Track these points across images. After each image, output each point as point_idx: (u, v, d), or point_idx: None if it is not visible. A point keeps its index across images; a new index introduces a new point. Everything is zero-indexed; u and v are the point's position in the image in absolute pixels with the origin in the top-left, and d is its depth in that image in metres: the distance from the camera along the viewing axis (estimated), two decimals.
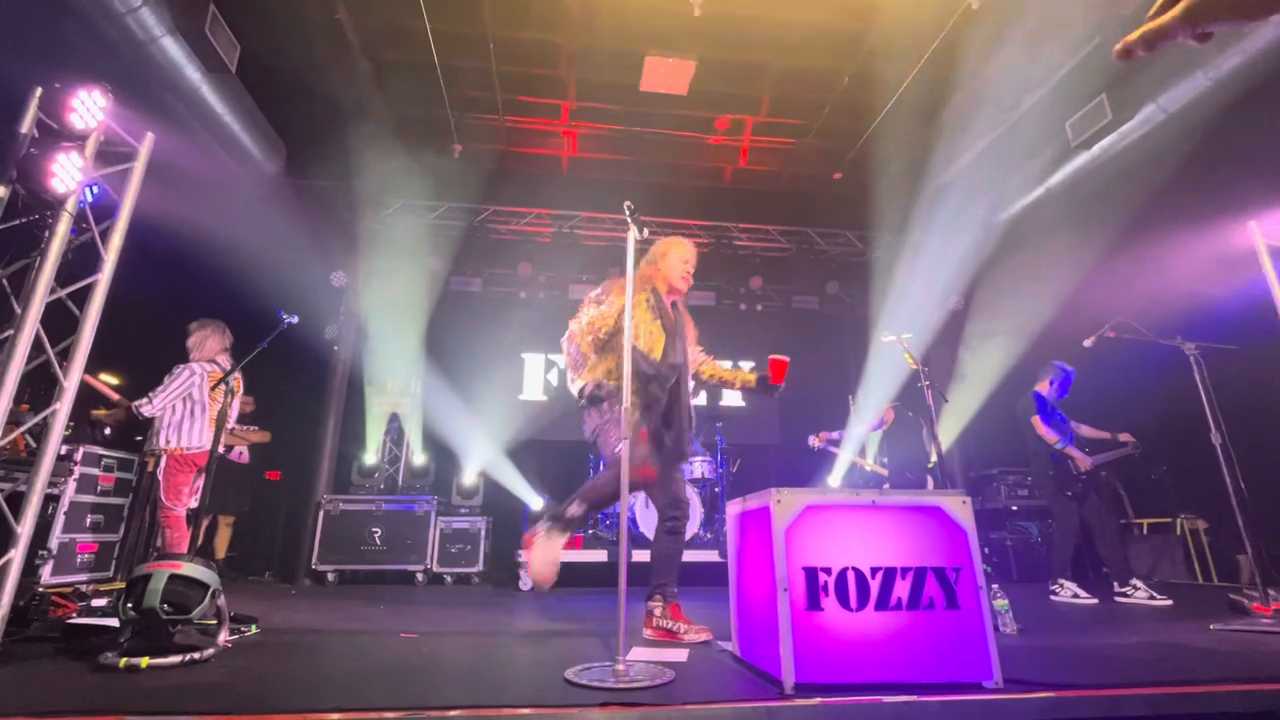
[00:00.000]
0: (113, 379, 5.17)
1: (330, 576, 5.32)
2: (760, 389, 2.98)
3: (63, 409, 2.79)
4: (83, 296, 2.97)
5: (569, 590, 4.90)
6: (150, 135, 3.24)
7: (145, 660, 1.92)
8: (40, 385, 3.02)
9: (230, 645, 2.30)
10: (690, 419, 2.81)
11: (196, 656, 2.04)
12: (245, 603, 3.56)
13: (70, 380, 2.83)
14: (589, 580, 5.14)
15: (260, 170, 5.69)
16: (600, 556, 5.09)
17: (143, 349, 4.22)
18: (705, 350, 3.16)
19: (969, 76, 5.22)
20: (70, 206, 2.85)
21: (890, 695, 1.54)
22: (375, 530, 5.43)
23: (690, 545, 4.69)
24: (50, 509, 3.65)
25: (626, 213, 2.23)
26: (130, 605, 2.10)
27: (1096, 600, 3.97)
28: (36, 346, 2.78)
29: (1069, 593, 4.07)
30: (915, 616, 1.71)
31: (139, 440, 4.22)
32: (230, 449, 5.37)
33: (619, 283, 2.89)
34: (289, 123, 5.79)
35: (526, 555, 2.47)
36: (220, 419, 2.95)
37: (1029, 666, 1.98)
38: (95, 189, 3.06)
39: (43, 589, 3.21)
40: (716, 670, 1.98)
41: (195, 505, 3.45)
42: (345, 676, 2.01)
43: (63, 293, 2.91)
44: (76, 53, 4.02)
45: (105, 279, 3.02)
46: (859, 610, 1.71)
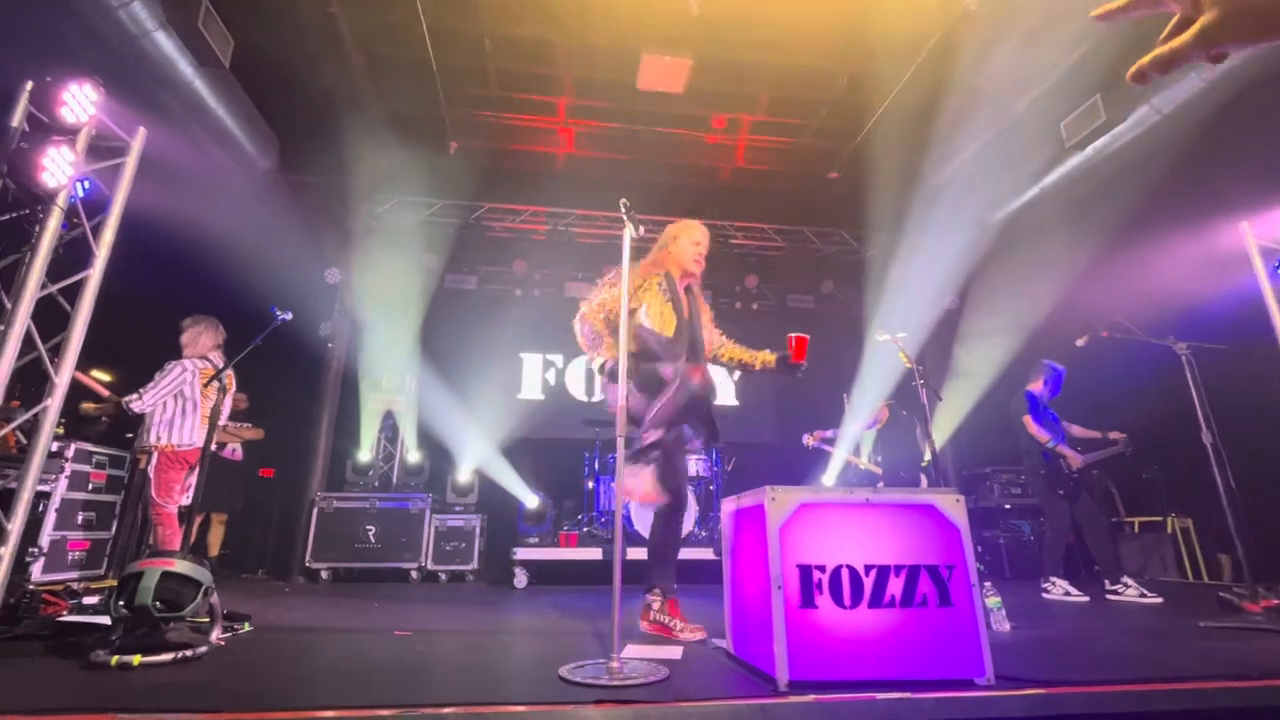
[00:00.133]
0: (104, 375, 5.13)
1: (324, 574, 5.30)
2: (781, 369, 2.87)
3: (54, 405, 2.77)
4: (74, 292, 2.95)
5: (563, 588, 4.91)
6: (142, 130, 3.22)
7: (137, 658, 1.91)
8: (31, 382, 3.00)
9: (223, 643, 2.29)
10: (703, 406, 2.71)
11: (189, 654, 2.03)
12: (238, 600, 3.55)
13: (61, 377, 2.81)
14: (583, 578, 5.15)
15: (254, 166, 5.66)
16: (595, 554, 5.10)
17: (135, 345, 4.19)
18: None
19: (965, 77, 5.23)
20: (61, 201, 2.83)
21: (883, 692, 1.55)
22: (369, 528, 5.42)
23: (685, 543, 4.69)
24: (41, 506, 3.63)
25: (622, 210, 2.23)
26: (122, 603, 2.09)
27: (1088, 598, 3.99)
28: (27, 342, 2.76)
29: (1061, 590, 4.10)
30: (908, 614, 1.72)
31: (129, 437, 4.19)
32: (224, 446, 5.35)
33: (632, 266, 2.90)
34: (283, 118, 5.76)
35: (630, 486, 2.41)
36: (213, 416, 2.94)
37: (1021, 663, 1.99)
38: (87, 184, 3.04)
39: (33, 587, 3.18)
40: (711, 668, 1.99)
41: (187, 502, 3.43)
42: (339, 674, 2.00)
43: (54, 288, 2.89)
44: (68, 46, 3.98)
45: (97, 274, 3.00)
46: (853, 608, 1.71)
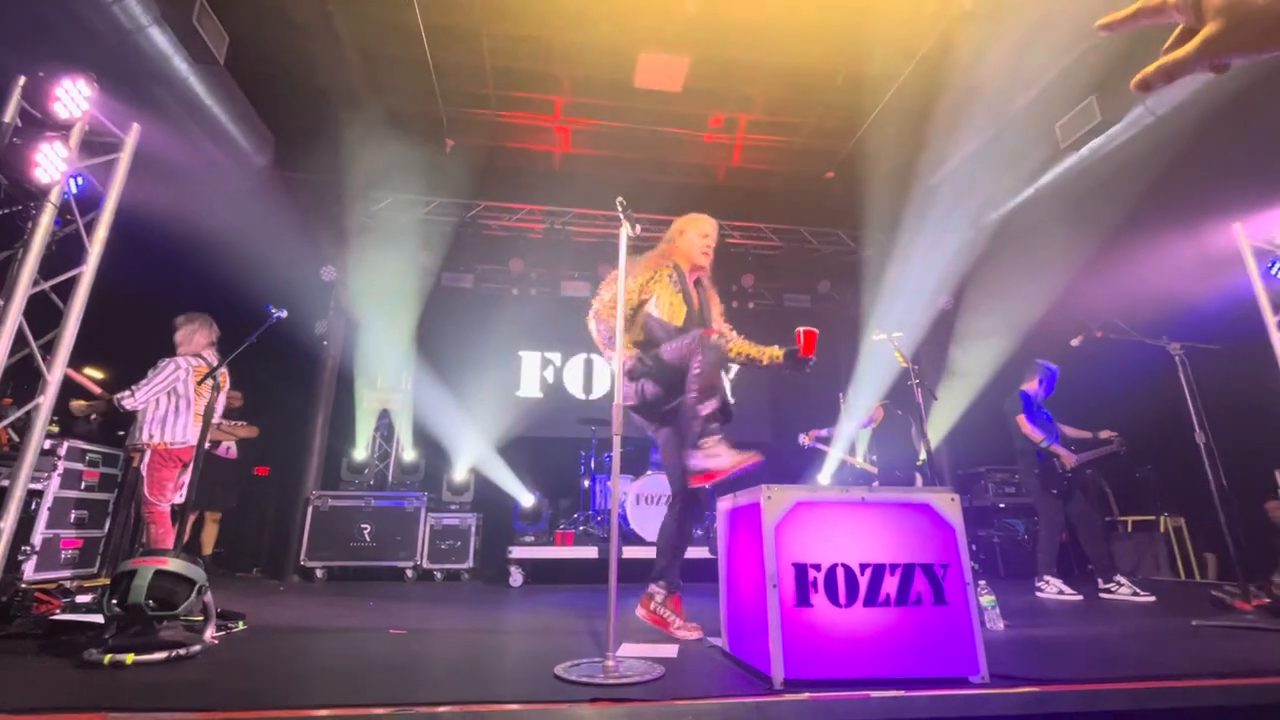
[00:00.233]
0: (97, 373, 5.11)
1: (319, 573, 5.29)
2: (790, 364, 2.82)
3: (46, 403, 2.76)
4: (67, 289, 2.94)
5: (559, 586, 4.91)
6: (136, 126, 3.20)
7: (130, 656, 1.90)
8: (23, 379, 2.98)
9: (217, 641, 2.28)
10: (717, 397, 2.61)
11: (182, 653, 2.02)
12: (233, 599, 3.53)
13: (54, 374, 2.80)
14: (579, 577, 5.15)
15: (249, 163, 5.63)
16: (590, 553, 5.10)
17: (128, 343, 4.17)
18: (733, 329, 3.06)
19: (961, 78, 5.24)
20: (54, 197, 2.81)
21: (878, 691, 1.55)
22: (365, 526, 5.40)
23: None
24: (34, 504, 3.61)
25: (619, 209, 2.22)
26: (115, 601, 2.08)
27: (1081, 596, 4.01)
28: (19, 340, 2.74)
29: (1054, 589, 4.12)
30: (903, 612, 1.72)
31: (121, 435, 4.17)
32: (218, 444, 5.33)
33: (640, 260, 2.87)
34: (278, 115, 5.73)
35: (711, 464, 2.37)
36: (207, 414, 2.92)
37: (1014, 661, 2.00)
38: (80, 180, 3.02)
39: (26, 585, 3.17)
40: (706, 666, 1.99)
41: (180, 501, 3.42)
42: (334, 673, 2.00)
43: (46, 285, 2.87)
44: (61, 41, 3.96)
45: (90, 271, 2.98)
46: (848, 606, 1.72)
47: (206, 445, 2.95)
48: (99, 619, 2.30)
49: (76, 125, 2.90)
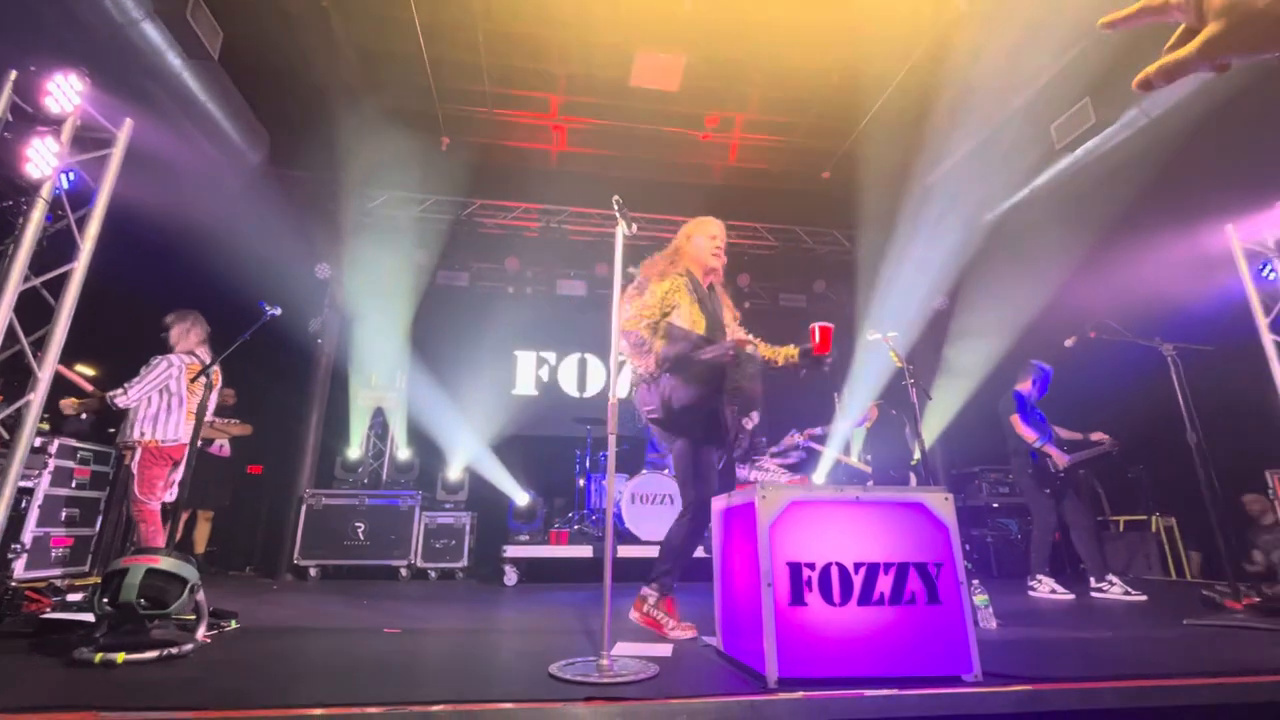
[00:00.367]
0: (89, 370, 5.07)
1: (312, 572, 5.27)
2: (805, 362, 2.75)
3: (37, 400, 2.74)
4: (58, 285, 2.91)
5: (553, 585, 4.90)
6: (129, 121, 3.18)
7: (121, 655, 1.89)
8: (13, 376, 2.96)
9: (209, 641, 2.27)
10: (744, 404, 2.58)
11: (174, 652, 2.01)
12: (225, 598, 3.52)
13: (45, 371, 2.78)
14: (574, 576, 5.14)
15: (243, 159, 5.60)
16: (585, 552, 5.09)
17: (120, 340, 4.14)
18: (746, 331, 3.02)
19: (957, 78, 5.26)
20: (45, 193, 2.79)
21: (872, 689, 1.56)
22: (359, 525, 5.39)
23: None
24: (24, 502, 3.58)
25: (615, 208, 2.22)
26: (106, 600, 2.07)
27: (1073, 595, 4.03)
28: (10, 336, 2.72)
29: (1047, 588, 4.14)
30: (897, 611, 1.73)
31: (112, 432, 4.14)
32: (211, 442, 5.30)
33: (653, 265, 2.84)
34: (273, 111, 5.70)
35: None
36: (199, 412, 2.90)
37: (1007, 660, 2.01)
38: (71, 175, 3.00)
39: (16, 584, 3.14)
40: (700, 665, 1.99)
41: (171, 499, 3.40)
42: (327, 672, 1.99)
43: (37, 281, 2.85)
44: (53, 35, 3.92)
45: (81, 268, 2.96)
46: (842, 605, 1.72)
47: (199, 443, 2.93)
48: (90, 618, 2.28)
49: (68, 120, 2.87)
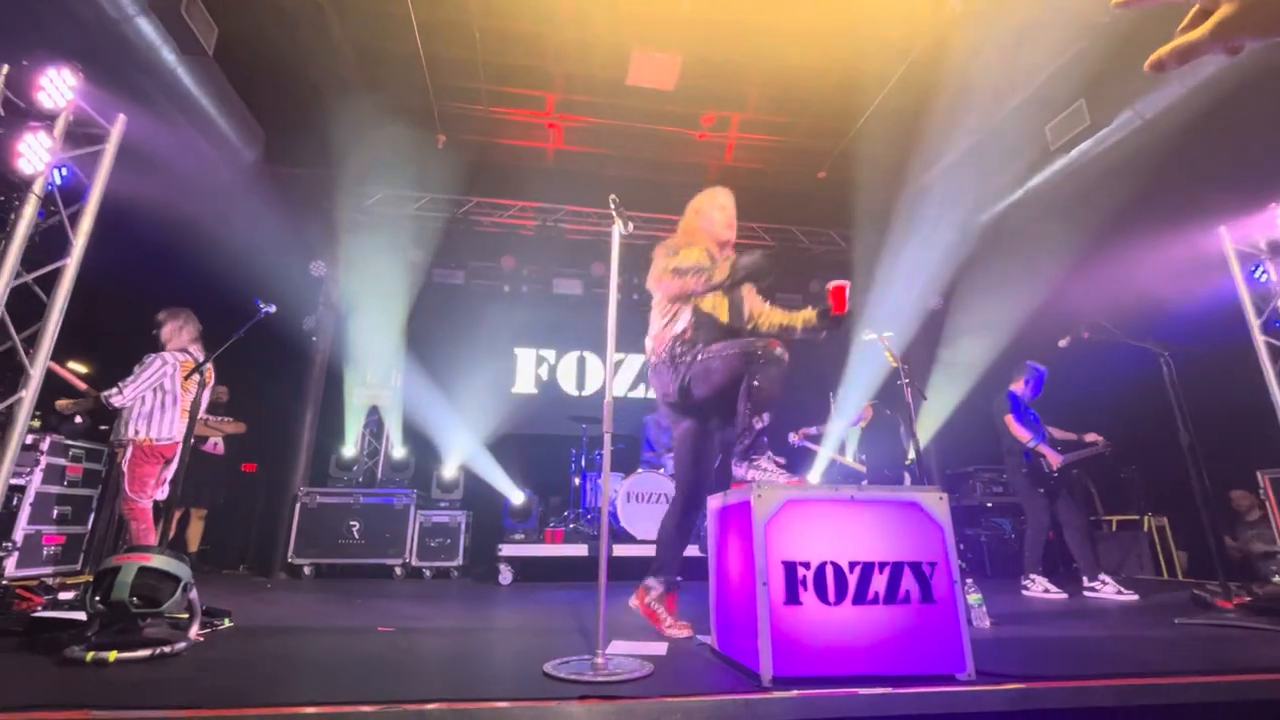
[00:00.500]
0: (81, 367, 5.04)
1: (306, 570, 5.25)
2: (825, 324, 2.73)
3: (28, 397, 2.72)
4: (50, 281, 2.89)
5: (548, 584, 4.90)
6: (122, 117, 3.16)
7: (113, 654, 1.88)
8: (5, 373, 2.94)
9: (202, 639, 2.25)
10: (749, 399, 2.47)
11: (166, 650, 1.99)
12: (218, 596, 3.50)
13: (36, 368, 2.76)
14: (569, 575, 5.14)
15: (238, 156, 5.57)
16: (581, 551, 5.09)
17: (113, 337, 4.12)
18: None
19: (953, 79, 5.28)
20: (37, 188, 2.77)
21: (866, 688, 1.56)
22: (353, 523, 5.37)
23: None
24: (15, 500, 3.56)
25: (611, 206, 2.22)
26: (98, 598, 2.05)
27: (1066, 595, 4.05)
28: (1, 333, 2.70)
29: (1040, 587, 4.16)
30: (891, 610, 1.73)
31: (104, 430, 4.12)
32: (205, 440, 5.27)
33: (660, 247, 2.76)
34: (268, 108, 5.68)
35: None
36: (193, 410, 2.89)
37: (1001, 659, 2.02)
38: (64, 171, 2.98)
39: (7, 582, 3.13)
40: (695, 663, 1.99)
41: (162, 497, 3.38)
42: (321, 670, 1.98)
43: (29, 277, 2.83)
44: (46, 30, 3.89)
45: (74, 264, 2.94)
46: (837, 604, 1.72)
47: (193, 441, 2.92)
48: (81, 616, 2.27)
49: (61, 115, 2.85)
